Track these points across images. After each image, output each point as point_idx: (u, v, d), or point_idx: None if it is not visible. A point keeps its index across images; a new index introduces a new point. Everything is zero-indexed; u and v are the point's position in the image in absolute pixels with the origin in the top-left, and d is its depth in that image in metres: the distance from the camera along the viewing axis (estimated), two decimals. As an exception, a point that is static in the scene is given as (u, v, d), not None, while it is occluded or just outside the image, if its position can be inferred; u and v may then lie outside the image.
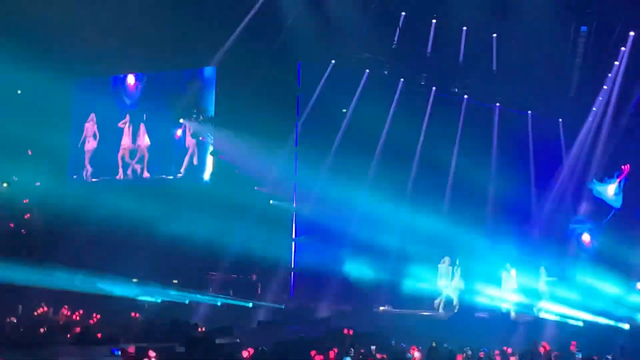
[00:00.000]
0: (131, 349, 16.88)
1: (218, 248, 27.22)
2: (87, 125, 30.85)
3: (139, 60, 29.78)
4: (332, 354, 16.42)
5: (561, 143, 27.52)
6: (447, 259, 25.12)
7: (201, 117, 29.04)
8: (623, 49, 25.67)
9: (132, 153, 30.11)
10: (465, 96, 27.89)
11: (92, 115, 30.81)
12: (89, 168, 30.55)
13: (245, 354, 16.45)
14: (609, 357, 17.76)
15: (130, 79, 30.76)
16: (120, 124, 30.26)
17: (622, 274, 25.67)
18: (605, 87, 26.55)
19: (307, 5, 26.94)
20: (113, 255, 27.39)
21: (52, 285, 25.19)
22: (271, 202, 28.63)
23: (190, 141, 29.13)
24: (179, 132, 29.52)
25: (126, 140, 30.08)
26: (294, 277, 28.61)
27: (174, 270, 27.85)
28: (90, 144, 30.74)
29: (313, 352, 16.08)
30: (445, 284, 24.96)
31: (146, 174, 29.85)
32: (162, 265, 27.46)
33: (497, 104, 27.96)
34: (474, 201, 26.78)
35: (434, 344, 17.56)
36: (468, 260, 25.16)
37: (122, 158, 30.10)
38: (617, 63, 25.89)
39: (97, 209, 27.95)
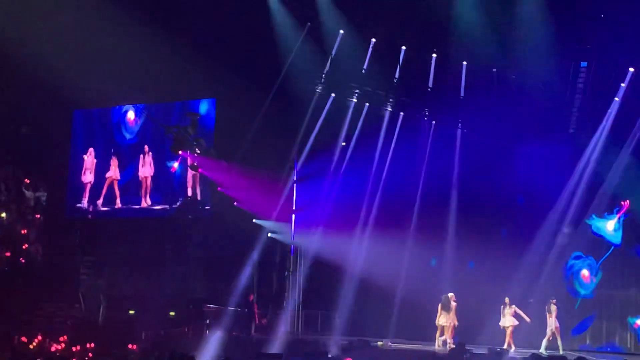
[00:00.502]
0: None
1: (216, 280, 27.13)
2: (86, 158, 30.86)
3: (138, 92, 29.83)
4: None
5: (561, 178, 27.51)
6: (450, 295, 25.07)
7: (200, 149, 29.00)
8: (623, 85, 25.80)
9: (121, 184, 30.18)
10: (462, 129, 28.02)
11: (91, 150, 30.81)
12: (88, 199, 30.48)
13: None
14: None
15: (130, 115, 30.86)
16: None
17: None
18: (604, 122, 26.65)
19: (307, 40, 27.09)
20: (111, 284, 27.30)
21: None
22: (269, 235, 28.56)
23: (190, 173, 29.08)
24: (176, 165, 29.48)
25: (110, 172, 30.12)
26: (292, 310, 28.48)
27: (172, 302, 27.69)
28: (88, 177, 30.73)
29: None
30: (444, 319, 24.85)
31: (144, 204, 29.75)
32: (160, 296, 27.29)
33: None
34: (477, 236, 26.80)
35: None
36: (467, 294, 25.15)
37: (110, 188, 30.08)
38: (617, 99, 26.02)
39: (96, 239, 27.89)
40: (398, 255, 26.49)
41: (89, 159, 30.81)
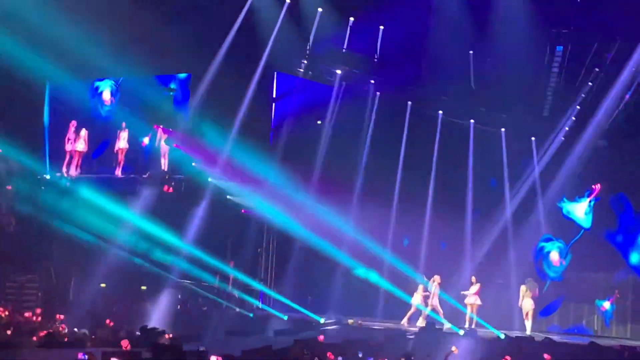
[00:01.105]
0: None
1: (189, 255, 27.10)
2: (69, 130, 30.64)
3: (114, 65, 29.59)
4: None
5: (534, 161, 27.74)
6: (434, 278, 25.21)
7: (175, 124, 28.89)
8: (597, 70, 25.96)
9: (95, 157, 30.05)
10: (439, 110, 28.16)
11: (73, 122, 30.60)
12: (66, 170, 30.34)
13: (212, 360, 16.43)
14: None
15: (106, 95, 30.70)
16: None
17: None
18: (578, 107, 26.86)
19: (286, 18, 27.02)
20: (82, 257, 27.21)
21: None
22: (243, 211, 28.56)
23: (163, 148, 28.92)
24: (146, 140, 29.34)
25: (77, 145, 29.92)
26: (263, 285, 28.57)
27: (143, 277, 27.64)
28: (69, 147, 30.52)
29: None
30: (420, 300, 24.98)
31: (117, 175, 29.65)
32: (131, 270, 27.22)
33: (472, 121, 28.17)
34: (452, 215, 26.99)
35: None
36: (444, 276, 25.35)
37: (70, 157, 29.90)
38: (590, 83, 26.22)
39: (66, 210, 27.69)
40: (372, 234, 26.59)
41: (71, 130, 30.55)
